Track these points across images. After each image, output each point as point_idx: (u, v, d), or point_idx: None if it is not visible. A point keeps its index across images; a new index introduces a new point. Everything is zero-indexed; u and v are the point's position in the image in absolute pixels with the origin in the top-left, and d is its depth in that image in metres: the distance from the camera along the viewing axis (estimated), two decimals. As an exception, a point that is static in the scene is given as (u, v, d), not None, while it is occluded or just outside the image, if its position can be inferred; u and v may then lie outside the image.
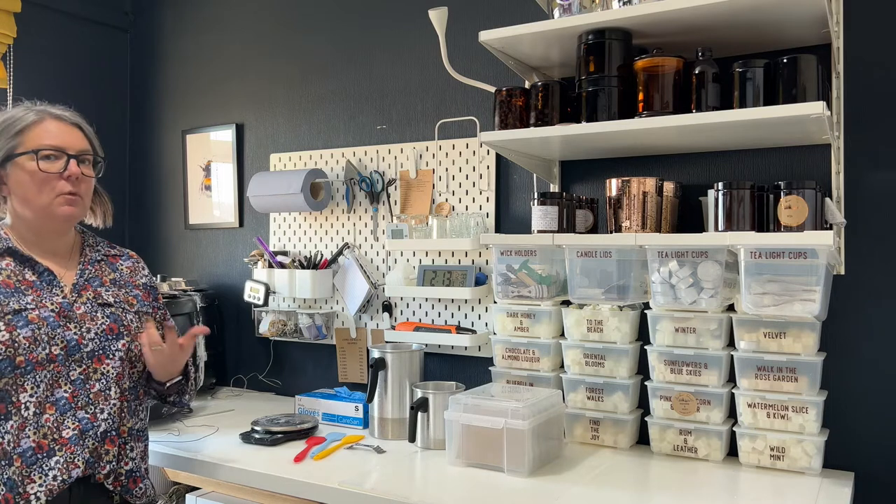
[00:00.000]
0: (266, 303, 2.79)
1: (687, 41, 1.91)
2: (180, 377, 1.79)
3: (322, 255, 2.77)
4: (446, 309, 2.54)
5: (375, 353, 2.26)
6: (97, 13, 3.31)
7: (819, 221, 1.71)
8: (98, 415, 1.63)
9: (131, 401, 1.71)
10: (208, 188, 3.18)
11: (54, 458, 1.57)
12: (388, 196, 2.65)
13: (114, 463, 1.65)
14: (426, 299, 2.58)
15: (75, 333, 1.62)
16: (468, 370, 2.49)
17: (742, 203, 1.75)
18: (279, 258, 2.80)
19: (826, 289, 1.80)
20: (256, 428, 2.18)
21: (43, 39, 3.11)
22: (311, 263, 2.74)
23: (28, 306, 1.59)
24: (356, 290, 2.68)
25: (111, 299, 1.71)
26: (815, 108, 1.60)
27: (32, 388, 1.56)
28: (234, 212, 3.09)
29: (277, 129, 2.98)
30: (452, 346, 2.51)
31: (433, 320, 2.56)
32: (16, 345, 1.53)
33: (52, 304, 1.62)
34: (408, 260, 2.61)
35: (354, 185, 2.71)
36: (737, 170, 2.08)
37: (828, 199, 1.80)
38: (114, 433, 1.65)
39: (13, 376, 1.54)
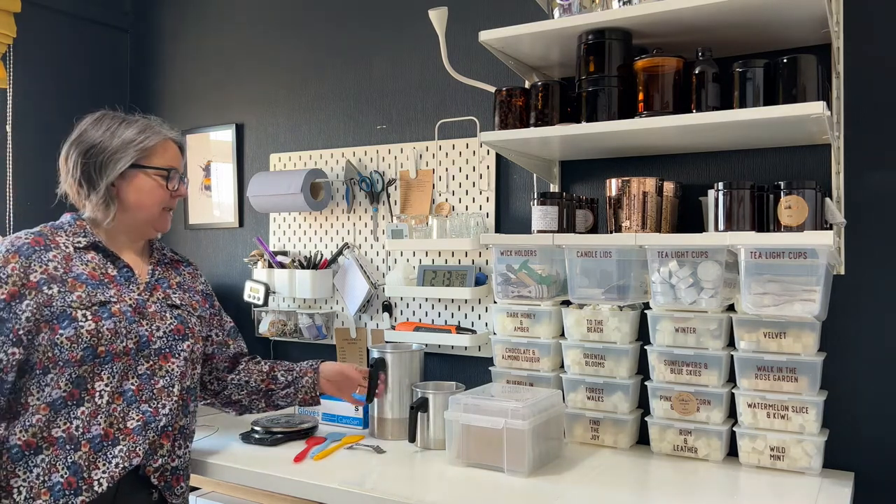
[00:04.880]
0: (266, 303, 2.79)
1: (687, 41, 1.91)
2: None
3: (322, 255, 2.77)
4: (446, 309, 2.54)
5: (375, 353, 2.26)
6: (97, 13, 3.31)
7: (819, 221, 1.71)
8: (160, 409, 1.72)
9: (187, 400, 1.81)
10: (208, 188, 3.18)
11: (118, 447, 1.64)
12: (388, 196, 2.65)
13: (166, 458, 1.73)
14: (426, 299, 2.58)
15: (146, 330, 1.72)
16: (468, 370, 2.49)
17: (742, 203, 1.74)
18: (279, 258, 2.80)
19: (826, 289, 1.80)
20: (256, 428, 2.18)
21: (43, 39, 3.11)
22: (311, 263, 2.74)
23: (111, 299, 1.69)
24: (356, 290, 2.68)
25: (178, 301, 1.84)
26: (815, 108, 1.60)
27: (108, 378, 1.65)
28: (234, 212, 3.09)
29: (277, 129, 2.98)
30: (452, 346, 2.50)
31: (433, 320, 2.56)
32: (100, 335, 1.63)
33: (129, 299, 1.72)
34: (408, 260, 2.61)
35: (354, 185, 2.71)
36: (737, 170, 2.08)
37: (828, 199, 1.80)
38: (170, 429, 1.74)
39: (91, 364, 1.63)
